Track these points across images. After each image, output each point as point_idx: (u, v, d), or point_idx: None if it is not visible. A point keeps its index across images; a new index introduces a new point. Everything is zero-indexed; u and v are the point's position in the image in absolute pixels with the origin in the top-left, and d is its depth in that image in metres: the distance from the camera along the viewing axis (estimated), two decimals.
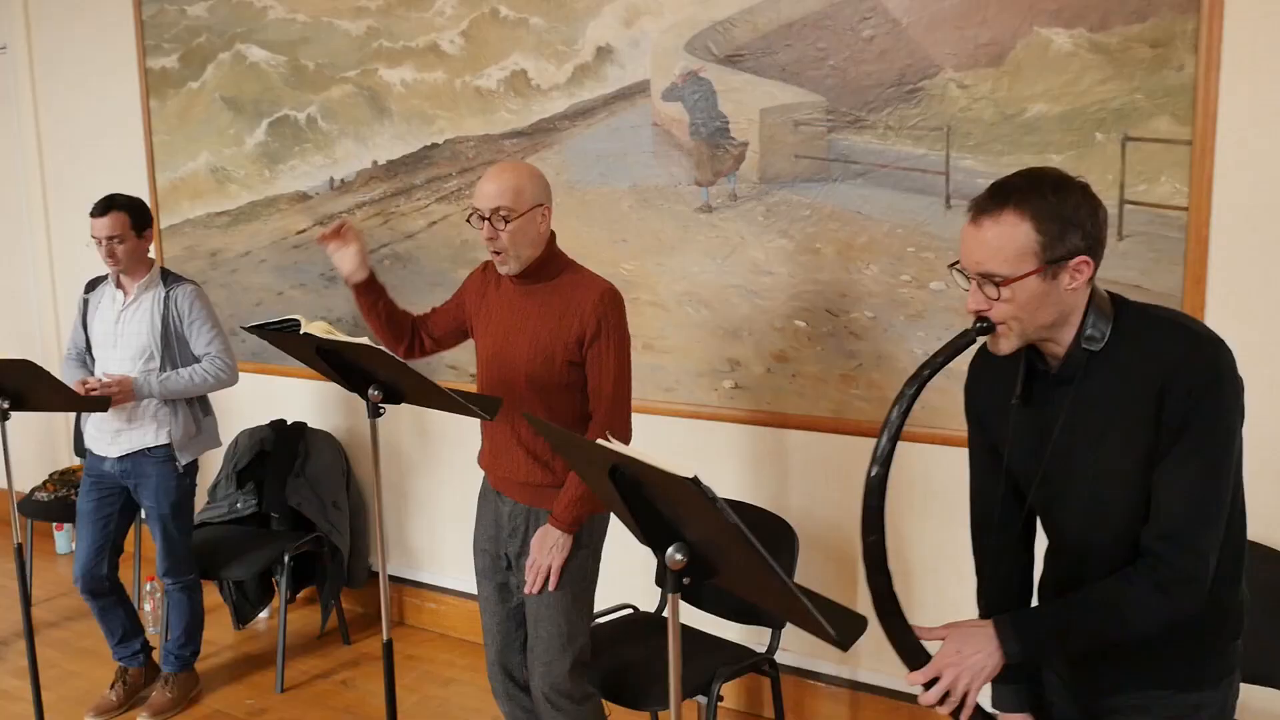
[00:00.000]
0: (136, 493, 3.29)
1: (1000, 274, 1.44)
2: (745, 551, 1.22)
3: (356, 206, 3.93)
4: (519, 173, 2.32)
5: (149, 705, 3.38)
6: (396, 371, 2.09)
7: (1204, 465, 1.43)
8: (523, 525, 2.44)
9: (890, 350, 2.93)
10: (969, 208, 1.50)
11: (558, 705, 2.41)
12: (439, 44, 3.63)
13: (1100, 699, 1.62)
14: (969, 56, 2.73)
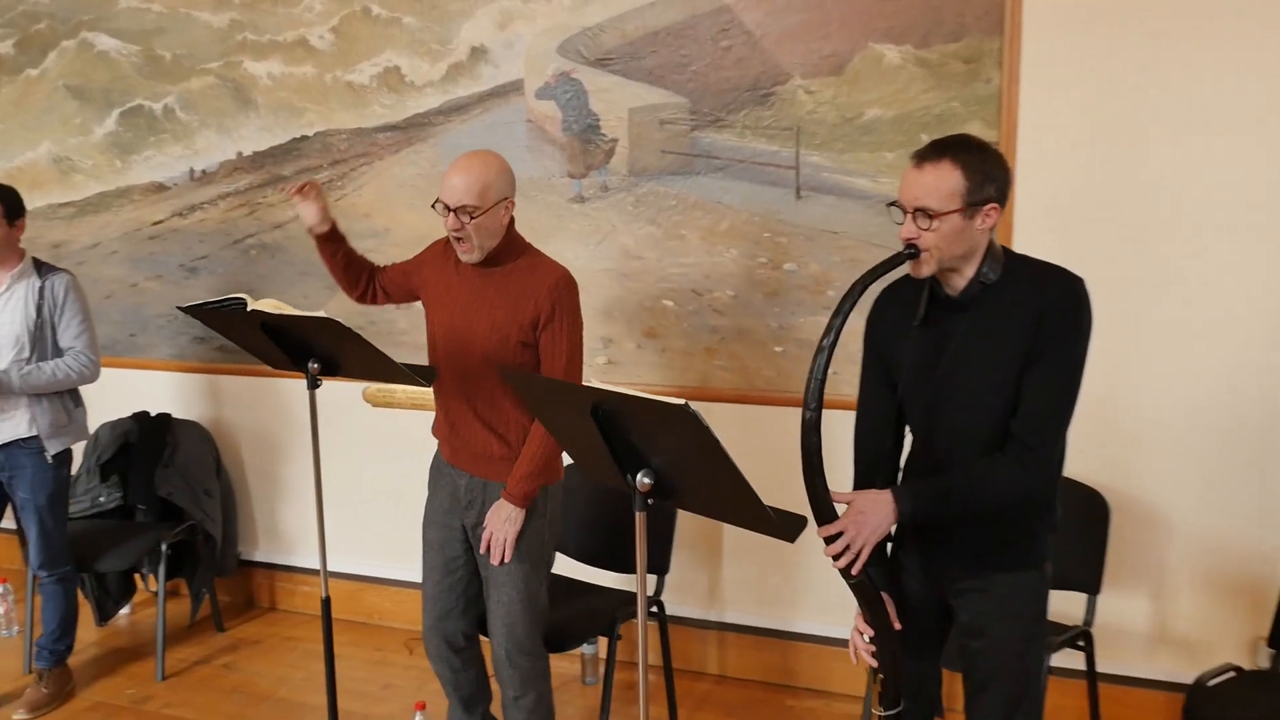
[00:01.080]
0: (10, 485, 3.24)
1: (932, 209, 1.80)
2: (711, 468, 1.51)
3: (220, 197, 3.97)
4: (487, 169, 2.45)
5: (24, 702, 3.33)
6: (348, 342, 2.21)
7: (1063, 375, 1.84)
8: (479, 497, 2.61)
9: (750, 325, 3.30)
10: (912, 156, 1.87)
11: (516, 663, 2.62)
12: (308, 39, 3.73)
13: (950, 583, 2.00)
14: (814, 66, 3.13)
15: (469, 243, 2.47)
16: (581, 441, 1.73)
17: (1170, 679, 2.98)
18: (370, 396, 3.84)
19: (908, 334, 1.97)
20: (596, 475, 1.83)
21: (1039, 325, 1.86)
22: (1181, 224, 2.85)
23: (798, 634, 3.41)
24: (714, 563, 3.47)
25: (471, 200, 2.42)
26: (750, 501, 1.52)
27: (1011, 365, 1.87)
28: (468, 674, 2.82)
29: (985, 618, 1.95)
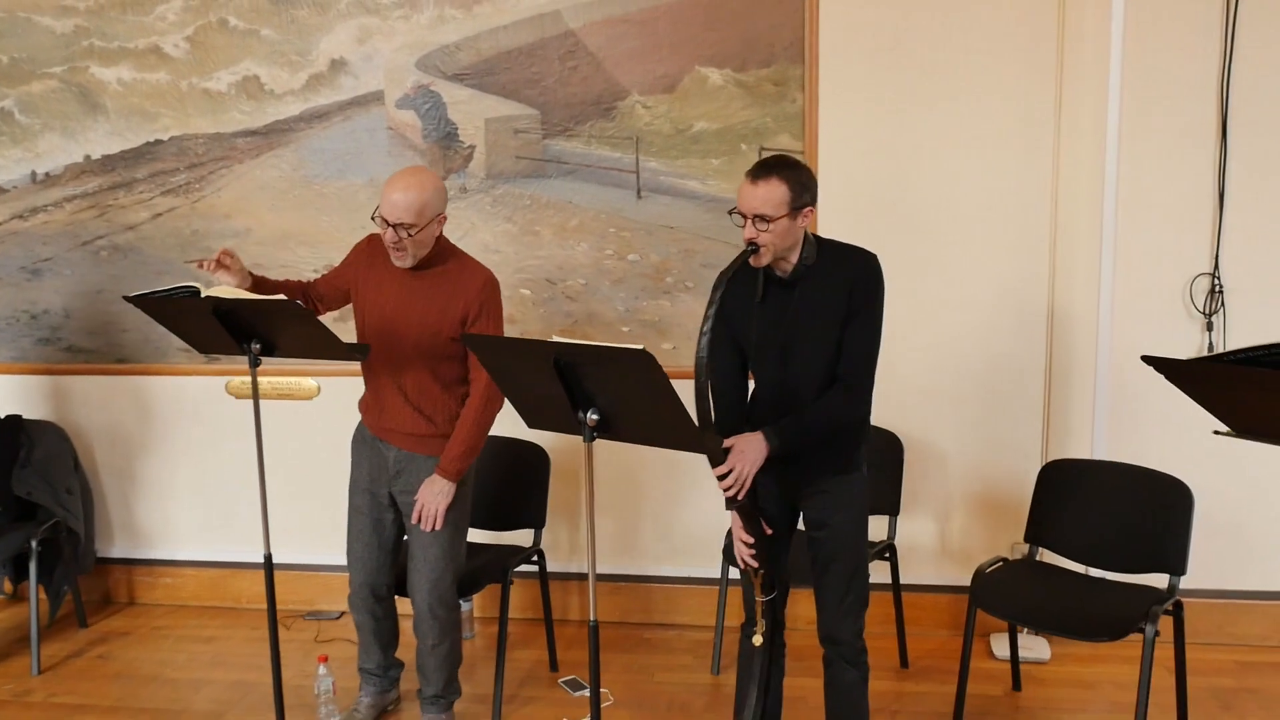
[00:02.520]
0: None
1: (768, 214, 2.32)
2: (655, 401, 1.98)
3: (65, 200, 4.01)
4: (424, 188, 2.72)
5: None
6: (297, 323, 2.47)
7: (871, 328, 2.42)
8: (406, 468, 2.93)
9: (599, 309, 3.78)
10: (748, 173, 2.36)
11: (437, 615, 2.96)
12: (161, 47, 3.87)
13: (797, 489, 2.55)
14: (650, 85, 3.65)
15: (405, 253, 2.78)
16: (535, 391, 2.15)
17: (953, 583, 3.71)
18: (234, 388, 4.02)
19: (750, 309, 2.50)
20: (540, 422, 2.25)
21: (850, 293, 2.43)
22: (943, 218, 3.57)
23: (649, 576, 3.92)
24: (575, 521, 3.92)
25: (410, 219, 2.72)
26: (686, 427, 2.00)
27: (834, 325, 2.43)
28: (388, 622, 3.15)
29: (827, 512, 2.52)
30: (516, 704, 3.34)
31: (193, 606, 4.14)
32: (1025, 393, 3.61)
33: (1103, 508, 3.09)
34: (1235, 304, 3.46)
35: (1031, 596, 3.00)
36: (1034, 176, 3.51)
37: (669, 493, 3.85)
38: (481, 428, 2.90)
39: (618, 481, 3.87)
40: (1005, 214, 3.54)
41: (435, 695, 3.07)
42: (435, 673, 3.05)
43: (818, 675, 2.64)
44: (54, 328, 4.10)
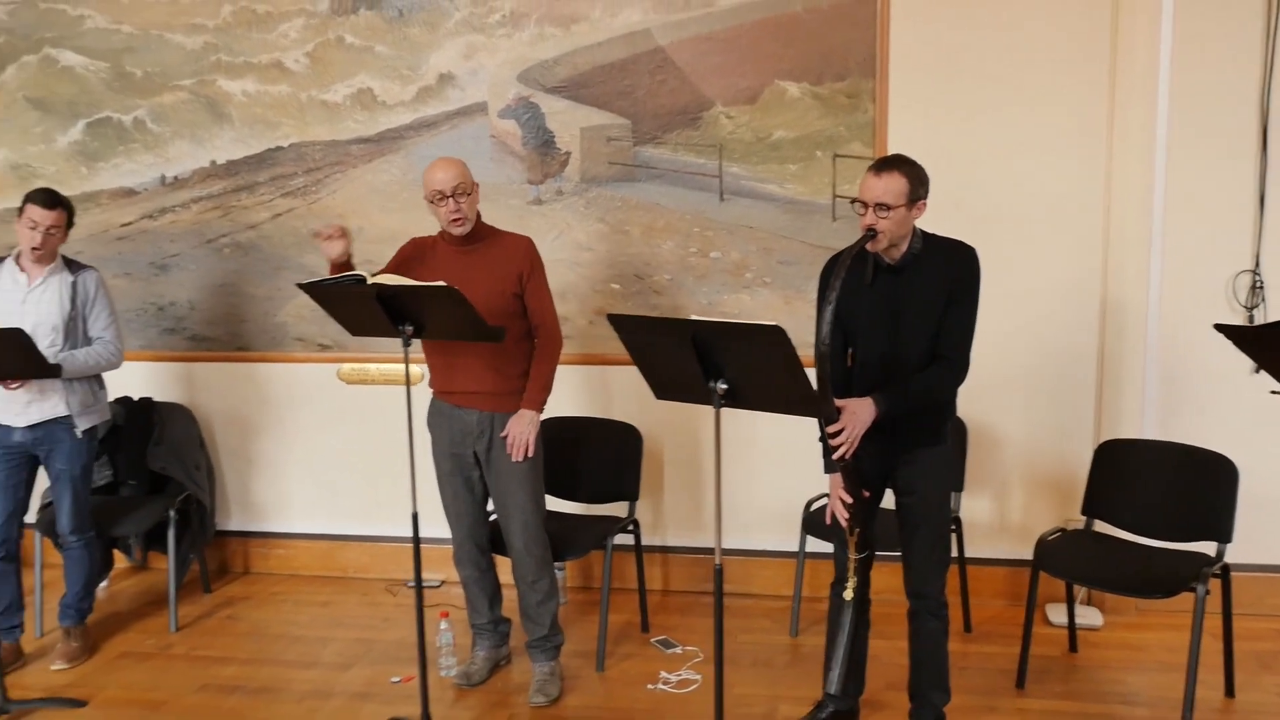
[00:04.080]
0: (47, 459, 3.59)
1: (889, 203, 2.64)
2: (781, 371, 2.30)
3: (192, 201, 4.39)
4: (461, 163, 3.20)
5: (60, 654, 3.69)
6: (452, 306, 2.79)
7: (969, 312, 2.74)
8: (488, 427, 3.28)
9: (684, 301, 4.11)
10: (871, 167, 2.68)
11: (532, 551, 3.32)
12: (283, 62, 4.24)
13: (892, 457, 2.86)
14: (733, 97, 3.98)
15: (463, 217, 3.19)
16: (669, 364, 2.48)
17: (1010, 556, 4.01)
18: (345, 375, 4.38)
19: (858, 291, 2.82)
20: (668, 393, 2.59)
21: (953, 281, 2.75)
22: (1004, 219, 3.88)
23: (725, 549, 4.23)
24: (656, 496, 4.25)
25: (463, 181, 3.18)
26: (809, 394, 2.33)
27: (936, 309, 2.75)
28: (490, 573, 3.51)
29: (917, 480, 2.84)
30: (615, 659, 3.67)
31: (304, 576, 4.50)
32: (1077, 379, 3.92)
33: (1154, 482, 3.39)
34: (1275, 298, 3.75)
35: (1091, 561, 3.31)
36: (1088, 181, 3.81)
37: (741, 473, 4.17)
38: (553, 365, 3.31)
39: (692, 461, 4.21)
40: (1061, 215, 3.84)
41: (543, 638, 3.42)
42: (538, 610, 3.39)
43: (891, 637, 2.96)
44: (179, 318, 4.47)
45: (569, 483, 3.91)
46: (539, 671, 3.43)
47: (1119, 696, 3.34)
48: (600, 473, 3.89)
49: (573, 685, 3.48)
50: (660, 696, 3.42)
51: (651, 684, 3.49)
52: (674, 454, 4.23)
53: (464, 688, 3.48)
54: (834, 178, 3.96)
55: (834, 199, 3.97)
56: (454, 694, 3.44)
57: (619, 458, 3.86)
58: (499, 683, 3.53)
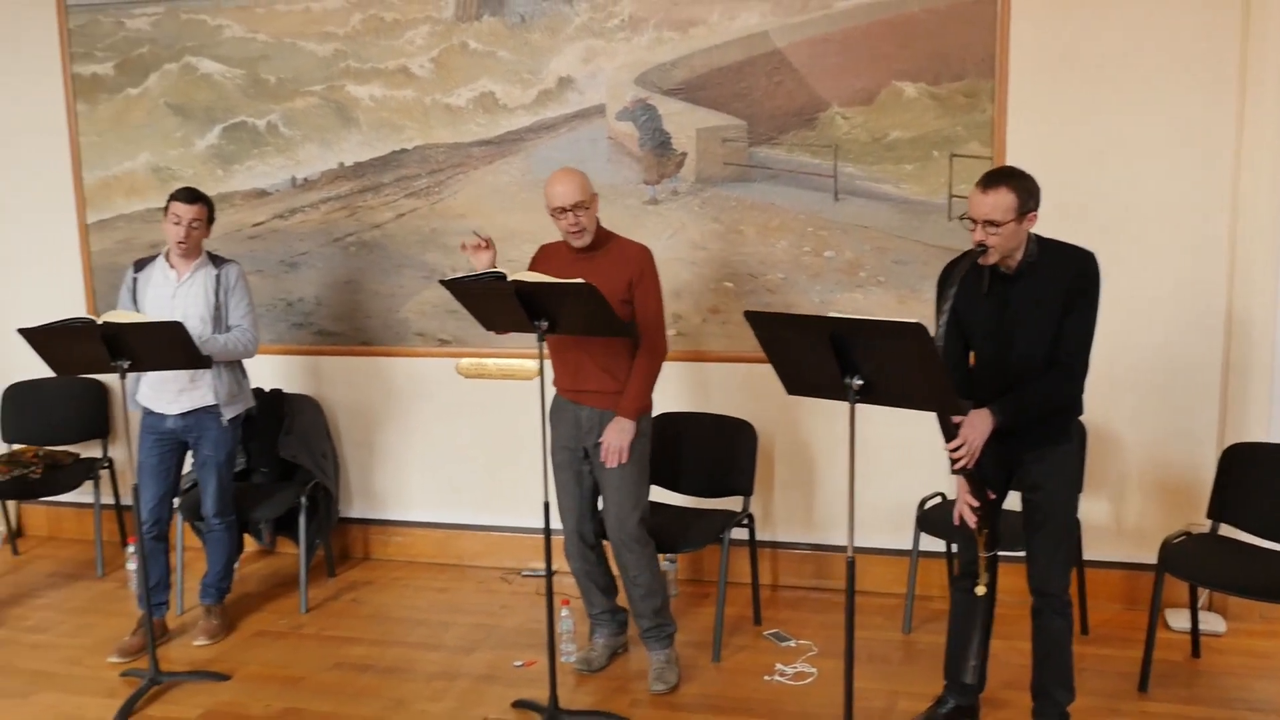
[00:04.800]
0: (195, 445, 3.80)
1: (997, 220, 2.67)
2: (918, 368, 2.35)
3: (320, 201, 4.58)
4: (580, 175, 3.30)
5: (201, 631, 3.90)
6: (587, 303, 2.91)
7: (1088, 318, 2.74)
8: (598, 423, 3.39)
9: (797, 300, 4.16)
10: (978, 183, 2.70)
11: (630, 548, 3.41)
12: (409, 67, 4.40)
13: (1016, 455, 2.88)
14: (849, 98, 4.02)
15: (583, 230, 3.30)
16: (804, 360, 2.54)
17: (1127, 560, 3.98)
18: (463, 369, 4.53)
19: (975, 299, 2.83)
20: (800, 389, 2.66)
21: (1070, 287, 2.75)
22: (1124, 221, 3.84)
23: (835, 546, 4.28)
24: (767, 493, 4.31)
25: (582, 198, 3.27)
26: (946, 392, 2.37)
27: (1053, 315, 2.75)
28: (601, 565, 3.60)
29: (1043, 477, 2.85)
30: (729, 650, 3.74)
31: (421, 563, 4.66)
32: (1200, 383, 3.86)
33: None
34: None
35: (1218, 565, 3.27)
36: (1213, 183, 3.76)
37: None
38: (651, 375, 3.40)
39: (800, 457, 4.25)
40: (1183, 218, 3.79)
41: (653, 628, 3.50)
42: (642, 603, 3.47)
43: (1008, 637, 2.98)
44: (307, 313, 4.67)
45: (678, 476, 3.99)
46: (655, 660, 3.51)
47: (1245, 703, 3.29)
48: (712, 467, 3.96)
49: (689, 675, 3.56)
50: (777, 688, 3.48)
51: (768, 675, 3.55)
52: (782, 450, 4.28)
53: (584, 673, 3.58)
54: (950, 177, 3.97)
55: (950, 198, 3.98)
56: (575, 679, 3.55)
57: (733, 452, 3.93)
58: (618, 669, 3.62)
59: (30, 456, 4.63)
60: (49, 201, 4.87)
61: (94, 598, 4.40)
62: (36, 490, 4.58)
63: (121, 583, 4.52)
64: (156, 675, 3.52)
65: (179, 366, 3.50)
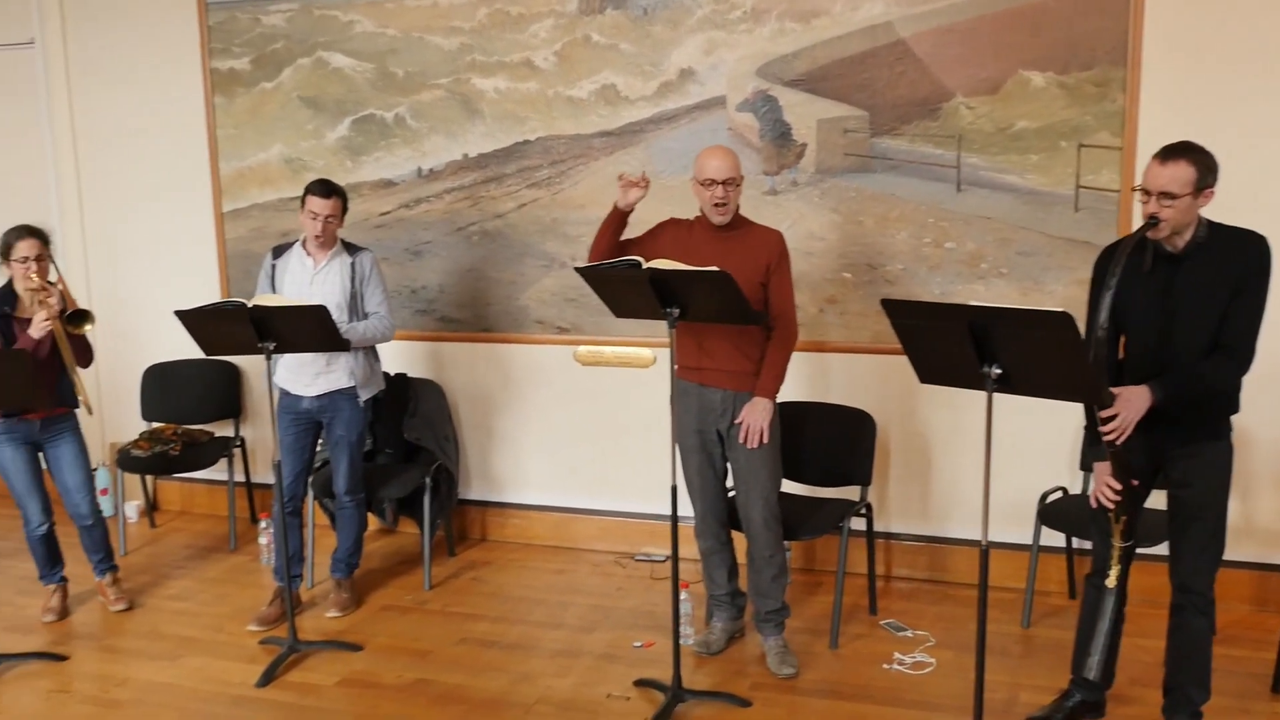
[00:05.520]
0: (330, 425, 3.97)
1: (1174, 192, 2.62)
2: (1062, 358, 2.34)
3: (445, 191, 4.72)
4: (736, 156, 3.36)
5: (333, 604, 4.07)
6: (721, 290, 2.95)
7: (1255, 306, 2.68)
8: (731, 406, 3.44)
9: (916, 291, 4.15)
10: (1157, 155, 2.66)
11: (771, 527, 3.47)
12: (533, 60, 4.50)
13: (1165, 451, 2.83)
14: (973, 87, 3.99)
15: (727, 208, 3.36)
16: (940, 349, 2.55)
17: (1253, 560, 3.88)
18: (581, 356, 4.62)
19: (1135, 279, 2.77)
20: (934, 377, 2.67)
21: (1240, 271, 2.68)
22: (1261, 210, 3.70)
23: (951, 539, 4.26)
24: (881, 483, 4.31)
25: (735, 174, 3.35)
26: (1090, 382, 2.36)
27: (1220, 299, 2.68)
28: (729, 547, 3.67)
29: (1193, 474, 2.80)
30: (846, 638, 3.76)
31: (537, 545, 4.77)
32: None
33: None
34: None
35: None
36: None
37: (971, 463, 4.16)
38: (787, 357, 3.45)
39: (916, 448, 4.24)
40: None
41: (773, 610, 3.55)
42: (773, 585, 3.52)
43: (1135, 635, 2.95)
44: (430, 301, 4.81)
45: (795, 465, 4.00)
46: (774, 644, 3.56)
47: None
48: (830, 456, 3.98)
49: (807, 661, 3.59)
50: (896, 677, 3.49)
51: (886, 664, 3.57)
52: (897, 441, 4.28)
53: (703, 655, 3.64)
54: (1078, 168, 3.91)
55: (1077, 189, 3.92)
56: (694, 661, 3.61)
57: (851, 442, 3.94)
58: (736, 653, 3.68)
59: (169, 434, 4.87)
60: (188, 191, 5.11)
61: (228, 569, 4.61)
62: (175, 466, 4.81)
63: (253, 556, 4.74)
64: (295, 643, 3.69)
65: (320, 349, 3.65)
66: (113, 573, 4.20)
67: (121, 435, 5.14)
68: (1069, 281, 3.95)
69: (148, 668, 3.67)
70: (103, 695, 3.49)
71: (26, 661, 3.72)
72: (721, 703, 3.31)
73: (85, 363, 3.92)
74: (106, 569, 4.17)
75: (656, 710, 3.23)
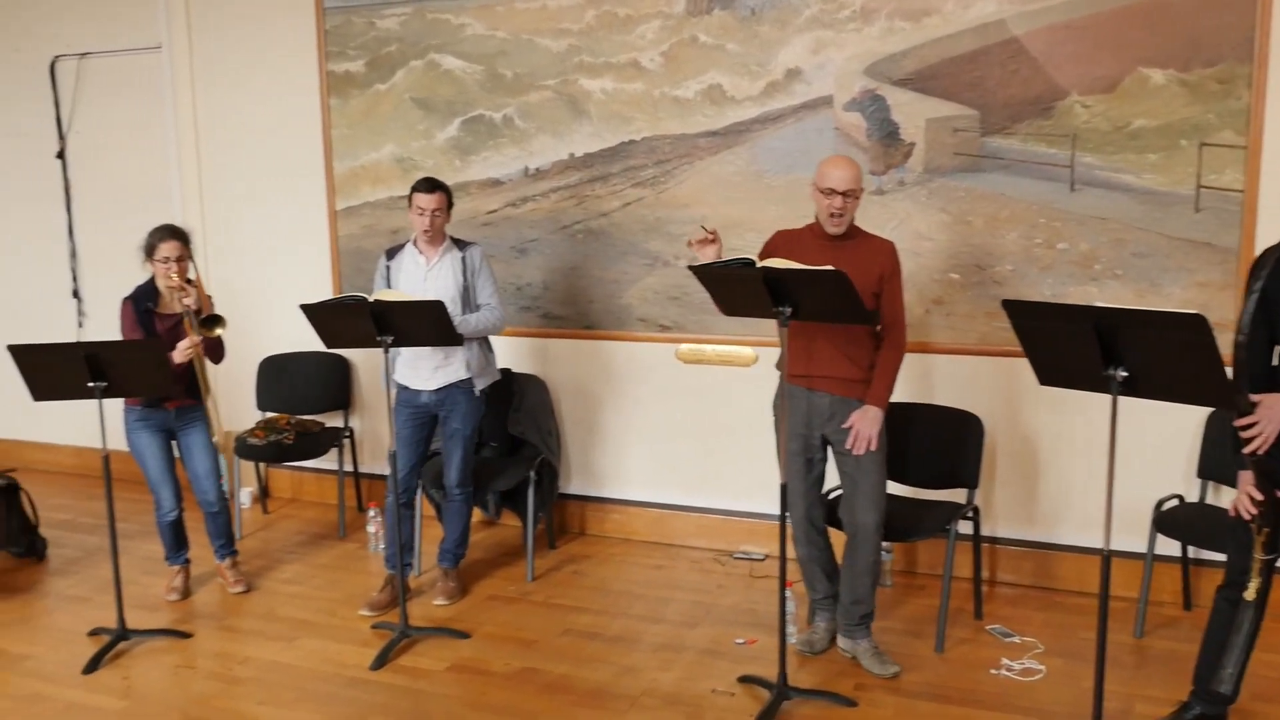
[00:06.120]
0: (446, 418, 4.07)
1: None
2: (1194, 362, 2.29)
3: (551, 190, 4.80)
4: (858, 166, 3.36)
5: (441, 592, 4.18)
6: (836, 291, 2.96)
7: None
8: (838, 411, 3.44)
9: (1026, 292, 4.08)
10: None
11: (878, 531, 3.46)
12: (639, 61, 4.55)
13: None
14: (1089, 85, 3.91)
15: (843, 218, 3.35)
16: (1062, 350, 2.52)
17: None
18: (682, 355, 4.65)
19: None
20: (1055, 379, 2.64)
21: None
22: None
23: (1059, 545, 4.19)
24: (987, 487, 4.25)
25: (855, 186, 3.34)
26: (1222, 386, 2.31)
27: None
28: (827, 551, 3.66)
29: None
30: (951, 642, 3.72)
31: (636, 540, 4.82)
32: None
33: None
34: None
35: None
36: None
37: (1082, 469, 4.09)
38: (897, 367, 3.45)
39: (1023, 452, 4.18)
40: None
41: (867, 614, 3.55)
42: (871, 590, 3.52)
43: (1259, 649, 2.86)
44: (534, 297, 4.90)
45: (899, 466, 3.97)
46: (866, 646, 3.55)
47: None
48: (937, 458, 3.94)
49: (912, 664, 3.57)
50: (1004, 682, 3.45)
51: (994, 669, 3.53)
52: (1003, 444, 4.22)
53: (806, 655, 3.65)
54: (1199, 168, 3.81)
55: (1198, 189, 3.82)
56: (797, 660, 3.62)
57: (957, 444, 3.90)
58: (838, 653, 3.67)
59: (283, 424, 5.05)
60: (303, 189, 5.29)
61: (338, 556, 4.76)
62: (288, 455, 4.99)
63: (361, 544, 4.88)
64: (406, 629, 3.80)
65: (435, 343, 3.76)
66: (232, 557, 4.37)
67: (238, 424, 5.33)
68: (1188, 284, 3.86)
69: (267, 647, 3.82)
70: (226, 672, 3.65)
71: (154, 638, 3.90)
72: (827, 702, 3.31)
73: (217, 359, 4.10)
74: (227, 553, 4.35)
75: (763, 707, 3.25)
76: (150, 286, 4.05)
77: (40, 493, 5.15)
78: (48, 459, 6.22)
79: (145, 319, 3.99)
